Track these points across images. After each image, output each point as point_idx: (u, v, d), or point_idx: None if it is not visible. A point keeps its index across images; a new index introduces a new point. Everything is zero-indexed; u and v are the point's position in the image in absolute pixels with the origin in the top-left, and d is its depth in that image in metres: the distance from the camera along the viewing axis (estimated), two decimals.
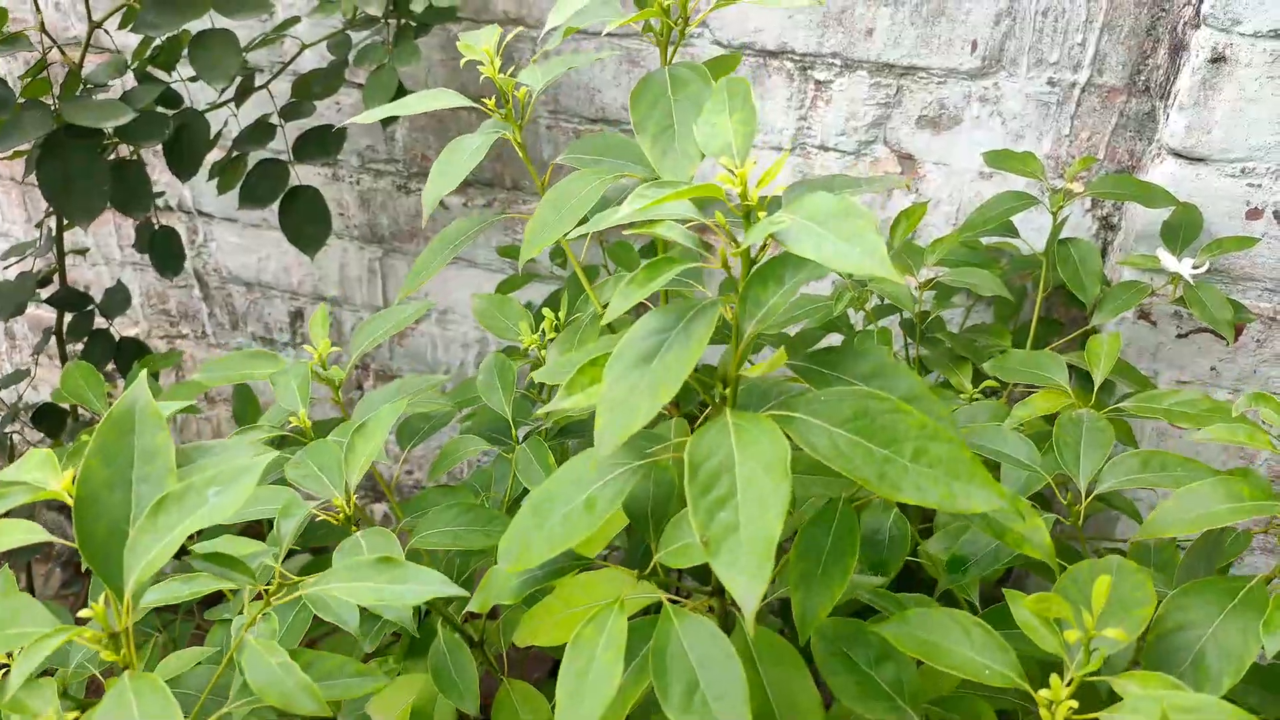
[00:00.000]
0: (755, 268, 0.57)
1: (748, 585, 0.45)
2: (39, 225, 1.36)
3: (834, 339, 1.25)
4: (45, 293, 1.49)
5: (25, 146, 1.10)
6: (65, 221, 1.32)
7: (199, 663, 0.74)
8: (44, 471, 0.55)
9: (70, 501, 0.51)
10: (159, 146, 1.31)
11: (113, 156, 1.21)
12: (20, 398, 1.50)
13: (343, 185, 1.55)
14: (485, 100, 0.78)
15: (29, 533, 0.54)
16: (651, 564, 0.59)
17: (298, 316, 1.74)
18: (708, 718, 0.52)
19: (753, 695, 0.53)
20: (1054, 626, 0.51)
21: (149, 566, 0.50)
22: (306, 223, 1.28)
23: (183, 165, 1.20)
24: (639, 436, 0.57)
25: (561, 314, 0.97)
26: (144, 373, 0.54)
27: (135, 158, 1.21)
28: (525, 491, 0.83)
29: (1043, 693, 0.49)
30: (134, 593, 0.50)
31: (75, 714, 0.48)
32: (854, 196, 0.59)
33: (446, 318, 1.65)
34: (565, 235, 0.66)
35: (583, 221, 0.63)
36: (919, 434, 0.52)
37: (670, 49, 0.69)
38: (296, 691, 0.51)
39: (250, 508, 0.62)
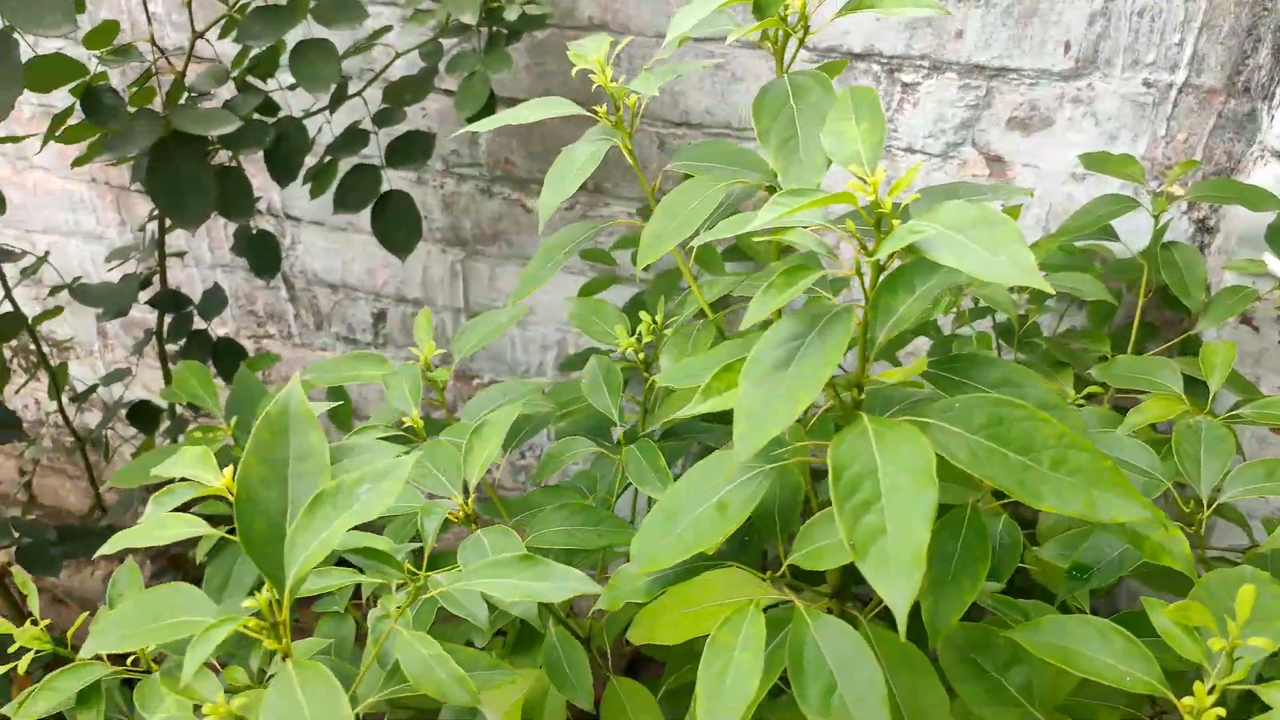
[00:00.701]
0: (885, 275, 0.57)
1: (898, 589, 0.46)
2: (141, 229, 1.41)
3: (921, 344, 1.24)
4: (145, 295, 1.54)
5: (130, 153, 1.14)
6: (168, 225, 1.37)
7: (317, 652, 0.76)
8: (202, 468, 0.58)
9: (230, 498, 0.54)
10: (257, 153, 1.35)
11: (214, 163, 1.25)
12: (121, 396, 1.55)
13: (427, 189, 1.58)
14: (597, 108, 0.80)
15: (190, 525, 0.56)
16: (782, 568, 0.60)
17: (380, 318, 1.78)
18: (846, 719, 0.52)
19: None
20: (1195, 635, 0.51)
21: (308, 561, 0.52)
22: (398, 227, 1.31)
23: (282, 172, 1.23)
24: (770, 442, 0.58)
25: (658, 318, 0.98)
26: (297, 376, 0.57)
27: (235, 164, 1.25)
28: (628, 490, 0.84)
29: (1186, 700, 0.49)
30: (293, 585, 0.52)
31: (242, 700, 0.50)
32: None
33: (527, 320, 1.67)
34: (689, 241, 0.67)
35: (708, 228, 0.64)
36: (1057, 442, 0.52)
37: (788, 56, 0.70)
38: (450, 682, 0.53)
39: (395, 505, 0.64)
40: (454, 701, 0.52)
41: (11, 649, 0.82)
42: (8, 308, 1.45)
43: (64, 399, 1.60)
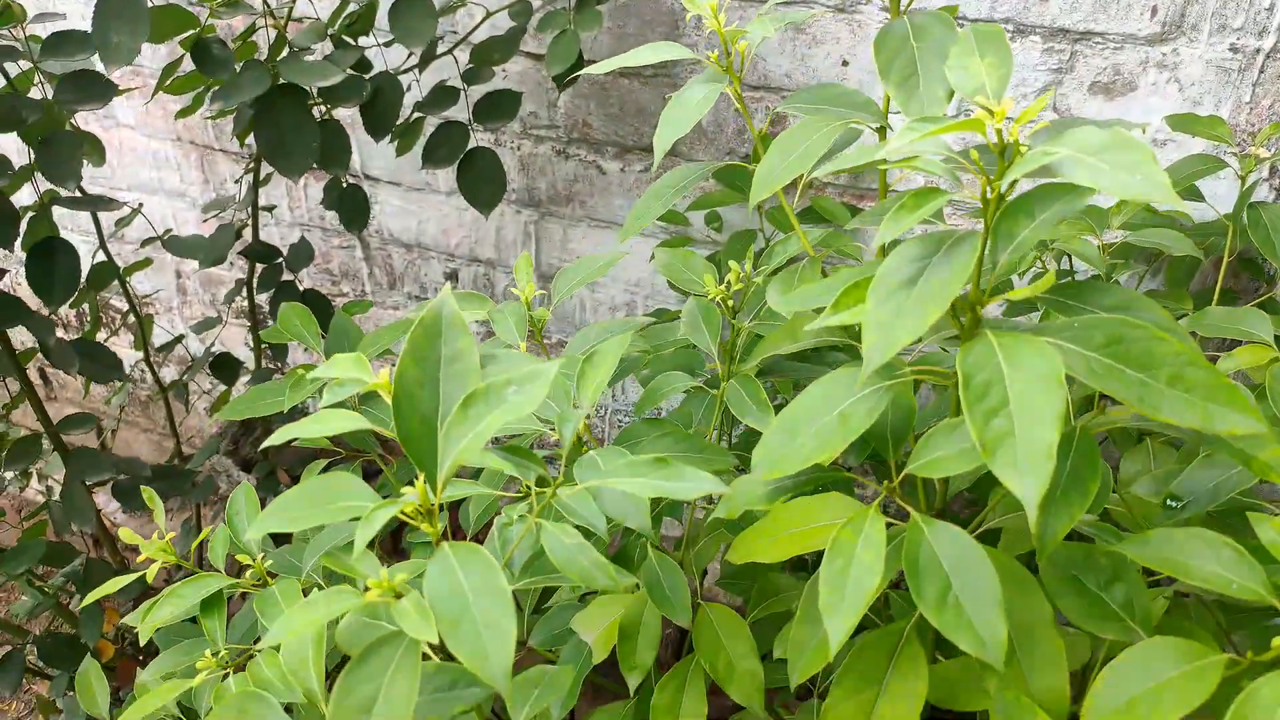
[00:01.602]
0: (1006, 203, 0.60)
1: (1028, 483, 0.49)
2: (237, 181, 1.46)
3: (994, 310, 1.26)
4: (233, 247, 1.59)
5: (237, 103, 1.18)
6: (261, 179, 1.42)
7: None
8: (359, 369, 0.62)
9: (388, 397, 0.58)
10: (353, 107, 1.39)
11: None
12: (211, 344, 1.61)
13: (504, 150, 1.62)
14: (709, 53, 0.83)
15: (351, 420, 0.60)
16: (900, 478, 0.63)
17: (453, 277, 1.82)
18: (961, 616, 0.55)
19: None
20: None
21: (462, 453, 0.56)
22: (483, 182, 1.35)
23: (377, 126, 1.27)
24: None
25: (748, 266, 1.01)
26: (447, 285, 0.60)
27: (331, 118, 1.29)
28: (727, 423, 0.88)
29: None
30: (446, 476, 0.56)
31: (402, 576, 0.54)
32: None
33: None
34: (805, 174, 0.70)
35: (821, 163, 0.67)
36: (1175, 360, 0.54)
37: (904, 3, 0.72)
38: (592, 569, 0.56)
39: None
40: (596, 585, 0.56)
41: (140, 558, 0.87)
42: (101, 257, 1.51)
43: (149, 349, 1.66)
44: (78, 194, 1.30)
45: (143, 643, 0.86)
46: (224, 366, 1.70)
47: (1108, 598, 0.62)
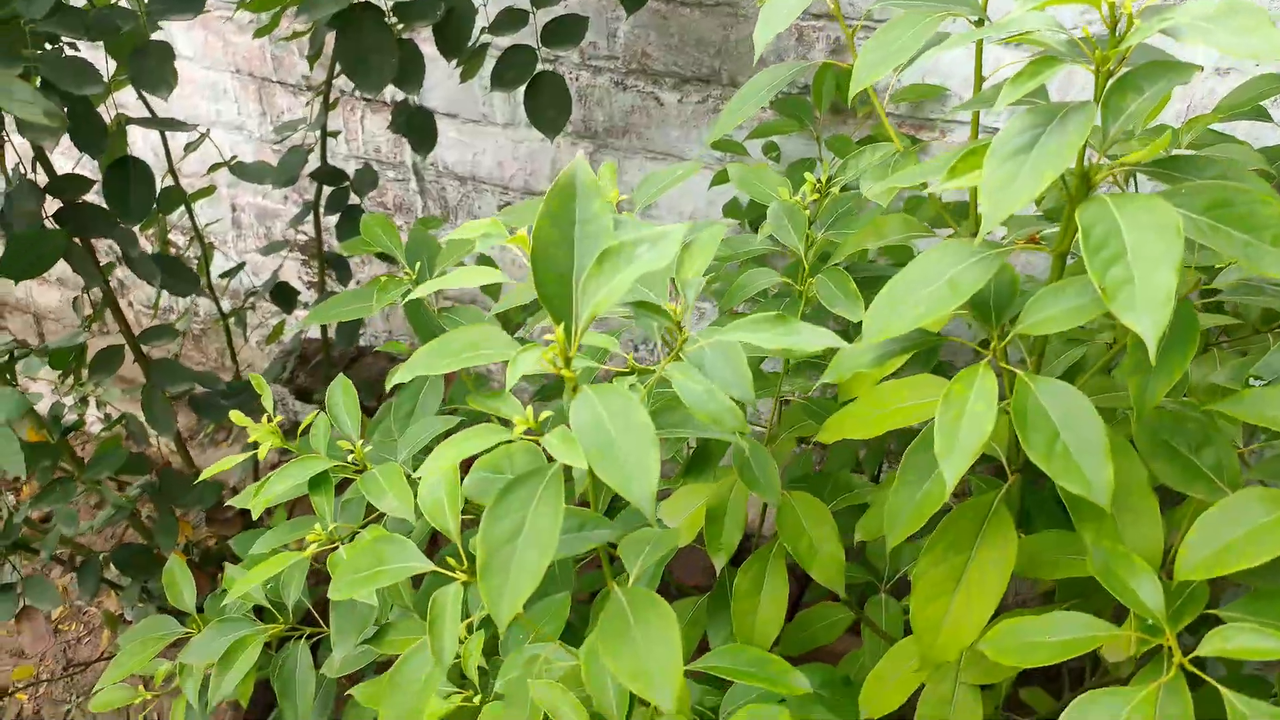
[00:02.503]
0: (1115, 78, 0.63)
1: (1147, 324, 0.52)
2: (308, 103, 1.49)
3: None
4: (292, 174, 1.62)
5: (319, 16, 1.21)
6: (330, 103, 1.45)
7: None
8: (495, 232, 0.66)
9: (527, 254, 0.61)
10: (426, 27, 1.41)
11: None
12: (278, 268, 1.65)
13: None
14: None
15: (488, 275, 0.64)
16: (1007, 340, 0.66)
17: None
18: (1069, 461, 0.59)
19: None
20: None
21: (598, 305, 0.59)
22: (549, 106, 1.38)
23: (450, 46, 1.30)
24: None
25: (824, 177, 1.03)
26: (581, 152, 0.64)
27: (407, 38, 1.32)
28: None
29: None
30: (584, 326, 0.60)
31: (546, 414, 0.58)
32: None
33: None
34: (906, 61, 0.72)
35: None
36: (1278, 222, 0.57)
37: None
38: (721, 411, 0.60)
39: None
40: (725, 426, 0.60)
41: (251, 438, 0.91)
42: (169, 182, 1.55)
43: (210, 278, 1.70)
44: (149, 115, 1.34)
45: (255, 515, 0.91)
46: (282, 295, 1.74)
47: (1198, 461, 0.66)
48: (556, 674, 0.66)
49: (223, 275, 1.76)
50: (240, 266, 1.75)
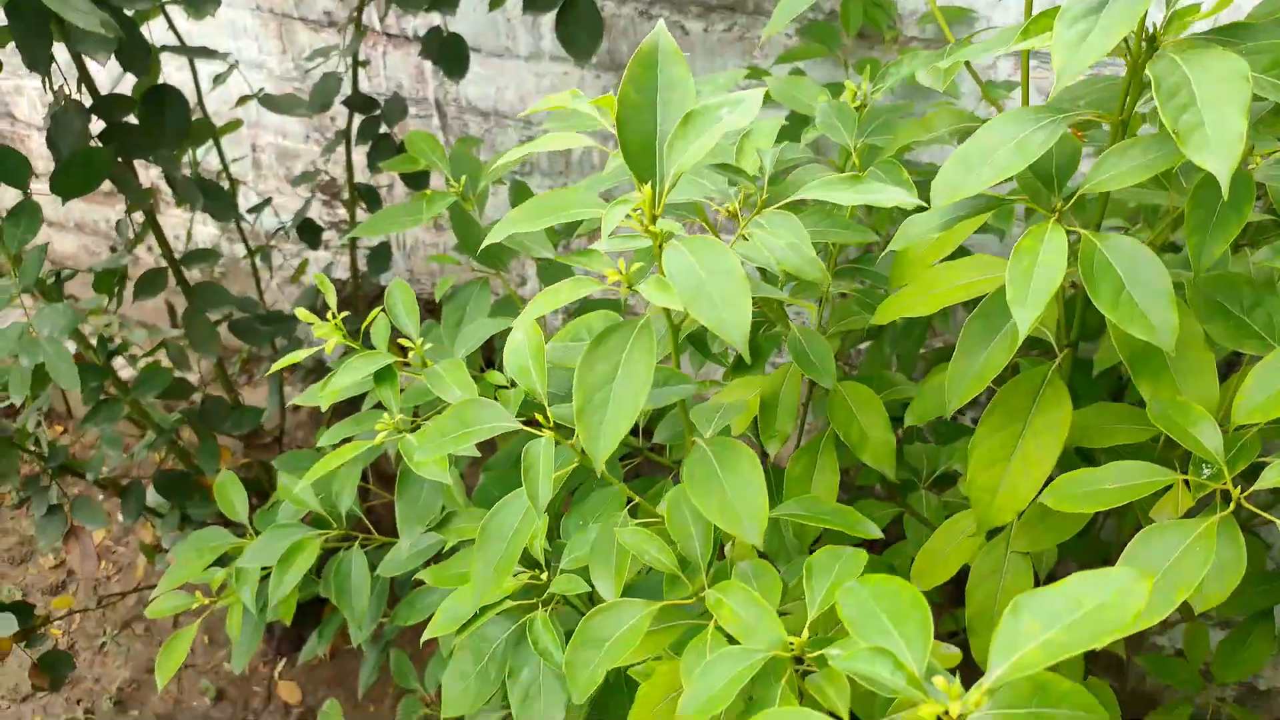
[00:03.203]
0: None
1: (1219, 160, 0.55)
2: (341, 30, 1.50)
3: None
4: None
5: None
6: (361, 31, 1.46)
7: None
8: (574, 102, 0.68)
9: (610, 122, 0.64)
10: None
11: None
12: (307, 202, 1.66)
13: None
14: None
15: (575, 140, 0.67)
16: (1072, 200, 0.69)
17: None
18: (1134, 309, 0.62)
19: None
20: None
21: (684, 163, 0.62)
22: (581, 30, 1.39)
23: None
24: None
25: (864, 84, 1.06)
26: (661, 22, 0.66)
27: None
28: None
29: None
30: (670, 184, 0.63)
31: (638, 265, 0.61)
32: None
33: None
34: None
35: None
36: None
37: None
38: (803, 263, 0.63)
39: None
40: (807, 276, 0.63)
41: (319, 333, 0.94)
42: (198, 115, 1.56)
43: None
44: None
45: (324, 408, 0.93)
46: (309, 231, 1.76)
47: (1250, 321, 0.69)
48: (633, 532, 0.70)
49: (250, 210, 1.77)
50: (266, 202, 1.76)
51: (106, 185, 2.42)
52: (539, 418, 0.68)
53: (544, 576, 0.87)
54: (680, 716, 0.58)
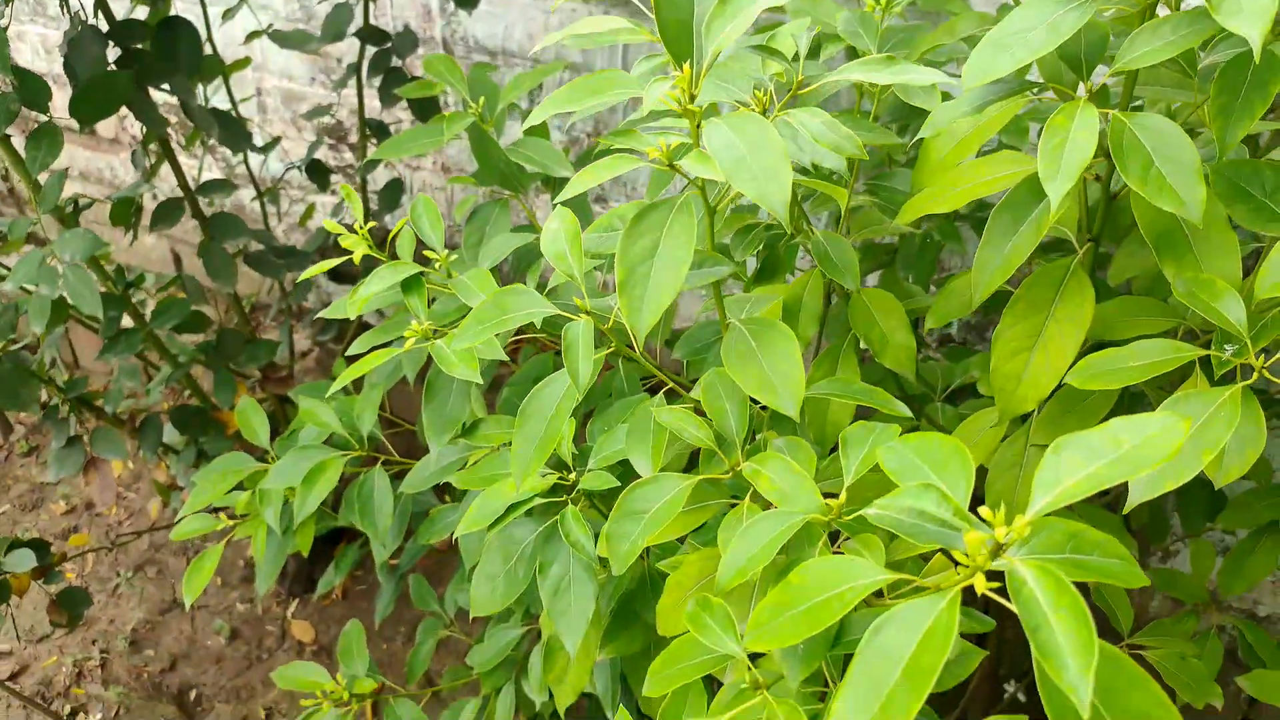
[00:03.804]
0: None
1: (1252, 25, 0.56)
2: None
3: None
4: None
5: None
6: None
7: None
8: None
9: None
10: None
11: None
12: (314, 144, 1.66)
13: None
14: None
15: (630, 34, 0.67)
16: (1100, 84, 0.70)
17: (536, 86, 1.87)
18: (1163, 183, 0.63)
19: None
20: None
21: (722, 41, 0.63)
22: None
23: None
24: None
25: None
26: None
27: None
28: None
29: None
30: (708, 62, 0.64)
31: (678, 141, 0.62)
32: None
33: None
34: None
35: None
36: None
37: None
38: (840, 139, 0.64)
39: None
40: (845, 152, 0.64)
41: (347, 243, 0.95)
42: (207, 50, 1.55)
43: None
44: None
45: (353, 315, 0.95)
46: (318, 171, 1.76)
47: (1273, 204, 0.70)
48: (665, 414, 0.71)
49: (259, 150, 1.77)
50: (276, 141, 1.76)
51: (109, 131, 2.41)
52: (577, 301, 0.69)
53: (572, 477, 0.89)
54: (719, 581, 0.60)
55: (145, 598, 2.07)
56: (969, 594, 0.49)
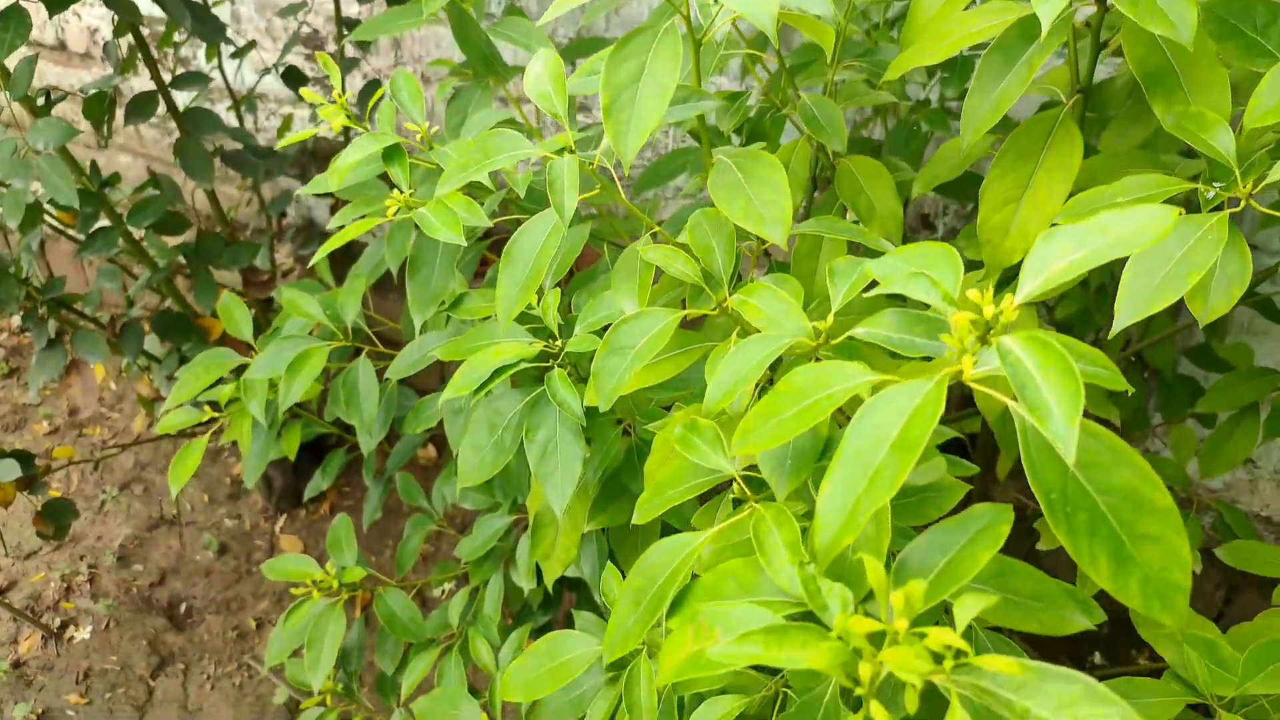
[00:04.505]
0: None
1: None
2: None
3: None
4: None
5: None
6: None
7: None
8: None
9: None
10: None
11: None
12: (287, 46, 1.63)
13: None
14: None
15: None
16: None
17: None
18: (1153, 9, 0.63)
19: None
20: None
21: None
22: None
23: None
24: None
25: None
26: None
27: None
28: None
29: None
30: None
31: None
32: None
33: None
34: None
35: None
36: None
37: None
38: None
39: None
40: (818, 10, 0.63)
41: (325, 113, 0.93)
42: None
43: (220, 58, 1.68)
44: None
45: (334, 188, 0.93)
46: (293, 77, 1.73)
47: (1264, 39, 0.70)
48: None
49: (233, 55, 1.73)
50: (251, 45, 1.72)
51: (80, 45, 2.35)
52: (559, 138, 0.68)
53: (558, 344, 0.89)
54: (706, 404, 0.60)
55: (132, 514, 2.07)
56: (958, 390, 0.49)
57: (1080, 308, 1.21)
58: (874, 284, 0.62)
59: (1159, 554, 0.44)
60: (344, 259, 1.97)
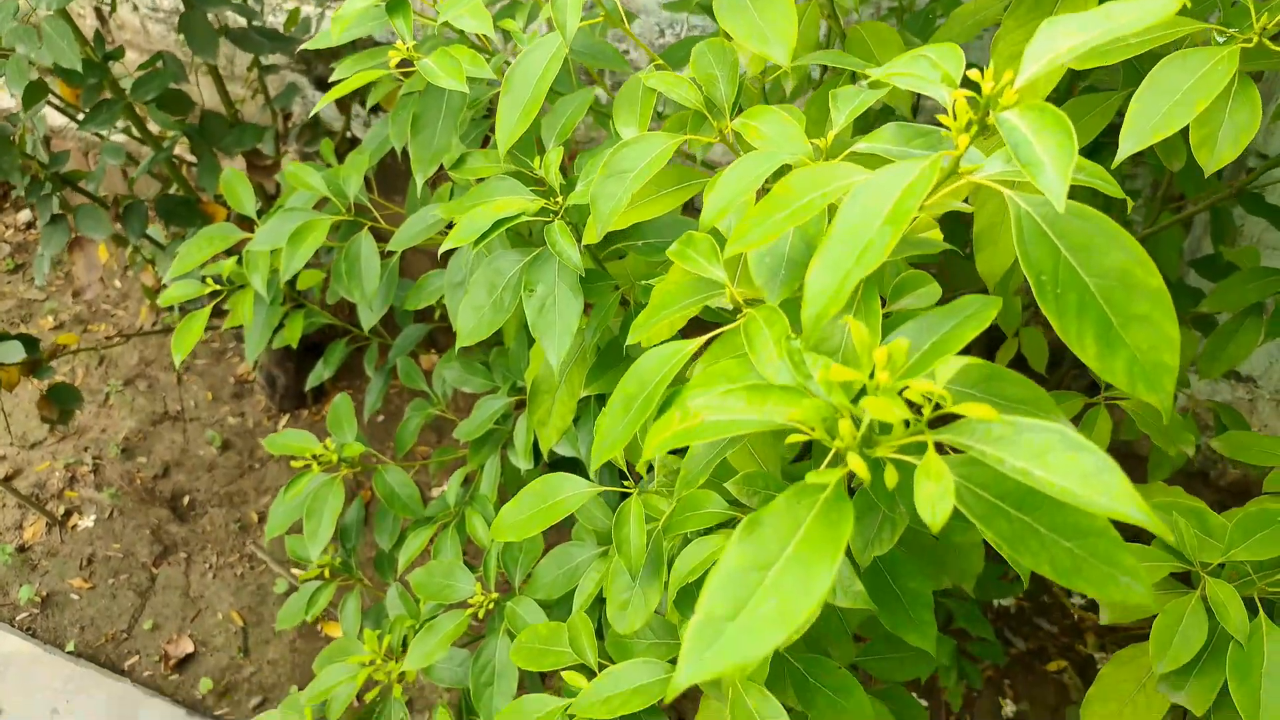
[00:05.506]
0: None
1: None
2: None
3: None
4: None
5: None
6: None
7: None
8: None
9: None
10: None
11: None
12: None
13: None
14: None
15: None
16: None
17: None
18: None
19: None
20: None
21: None
22: None
23: None
24: None
25: None
26: None
27: None
28: None
29: None
30: None
31: None
32: None
33: None
34: None
35: None
36: None
37: None
38: None
39: None
40: None
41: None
42: None
43: None
44: None
45: (336, 40, 0.92)
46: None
47: None
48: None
49: None
50: None
51: None
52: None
53: (559, 201, 0.88)
54: (703, 220, 0.60)
55: (136, 409, 2.09)
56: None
57: None
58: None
59: (1148, 334, 0.44)
60: (349, 152, 1.96)
